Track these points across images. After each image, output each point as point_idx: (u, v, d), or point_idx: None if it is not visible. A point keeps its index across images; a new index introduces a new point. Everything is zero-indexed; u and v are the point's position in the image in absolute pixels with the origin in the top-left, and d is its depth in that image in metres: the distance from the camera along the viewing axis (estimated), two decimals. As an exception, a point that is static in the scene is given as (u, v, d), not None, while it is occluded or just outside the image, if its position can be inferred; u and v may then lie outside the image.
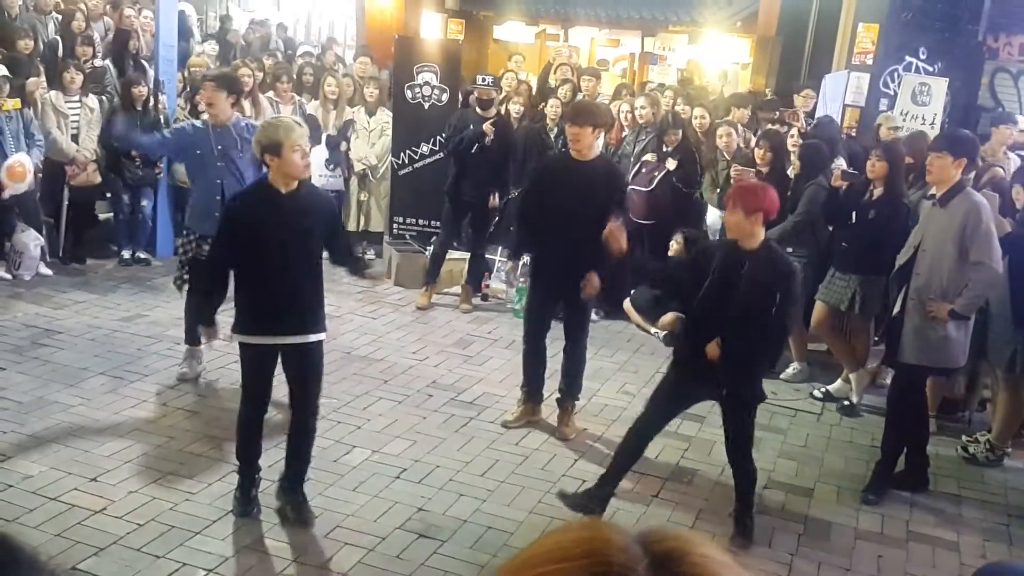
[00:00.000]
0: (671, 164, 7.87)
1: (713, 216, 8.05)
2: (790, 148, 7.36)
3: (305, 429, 4.71)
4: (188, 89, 9.15)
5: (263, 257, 4.46)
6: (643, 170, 8.09)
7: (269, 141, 4.40)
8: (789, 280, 4.67)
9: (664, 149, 8.04)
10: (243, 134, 5.94)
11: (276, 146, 4.37)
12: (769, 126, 8.32)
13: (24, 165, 7.70)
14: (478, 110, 8.12)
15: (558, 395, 6.01)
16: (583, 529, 0.74)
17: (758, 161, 7.35)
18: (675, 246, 7.64)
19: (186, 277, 6.04)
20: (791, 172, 7.24)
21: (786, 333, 5.37)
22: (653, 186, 8.08)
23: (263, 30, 13.68)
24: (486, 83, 8.16)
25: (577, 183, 5.56)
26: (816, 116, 9.01)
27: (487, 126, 7.85)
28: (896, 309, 5.48)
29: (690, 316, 5.01)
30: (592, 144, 5.64)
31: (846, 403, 6.76)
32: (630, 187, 7.24)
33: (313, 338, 4.62)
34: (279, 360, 4.67)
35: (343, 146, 9.26)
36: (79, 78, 8.36)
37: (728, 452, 4.95)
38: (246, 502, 4.71)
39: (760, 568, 4.58)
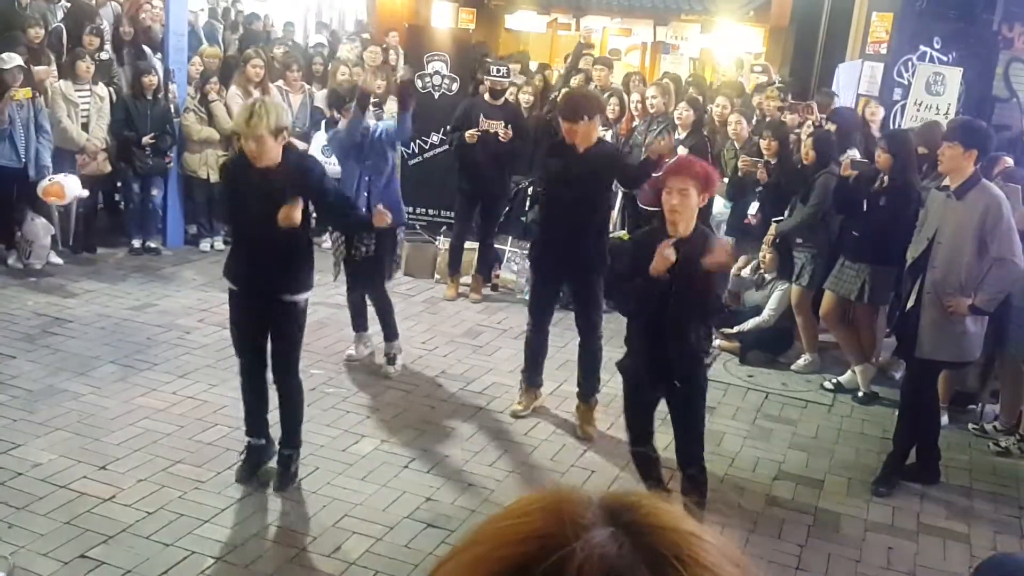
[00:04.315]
0: (683, 151, 7.81)
1: (719, 206, 8.01)
2: (804, 139, 7.30)
3: (280, 386, 4.88)
4: (200, 78, 9.11)
5: (238, 218, 4.91)
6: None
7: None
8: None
9: (677, 136, 7.98)
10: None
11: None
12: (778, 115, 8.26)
13: (61, 184, 7.75)
14: (487, 98, 8.13)
15: (576, 392, 5.94)
16: (544, 490, 0.79)
17: (764, 152, 7.32)
18: None
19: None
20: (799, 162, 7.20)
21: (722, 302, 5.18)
22: (662, 172, 8.01)
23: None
24: (500, 74, 8.14)
25: (578, 171, 5.54)
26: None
27: (469, 134, 7.89)
28: (911, 303, 5.43)
29: (641, 325, 4.57)
30: (588, 134, 5.56)
31: (860, 395, 6.73)
32: None
33: (285, 297, 4.73)
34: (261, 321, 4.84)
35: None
36: (93, 67, 8.36)
37: (685, 455, 4.62)
38: (243, 473, 4.92)
39: (769, 560, 4.56)
